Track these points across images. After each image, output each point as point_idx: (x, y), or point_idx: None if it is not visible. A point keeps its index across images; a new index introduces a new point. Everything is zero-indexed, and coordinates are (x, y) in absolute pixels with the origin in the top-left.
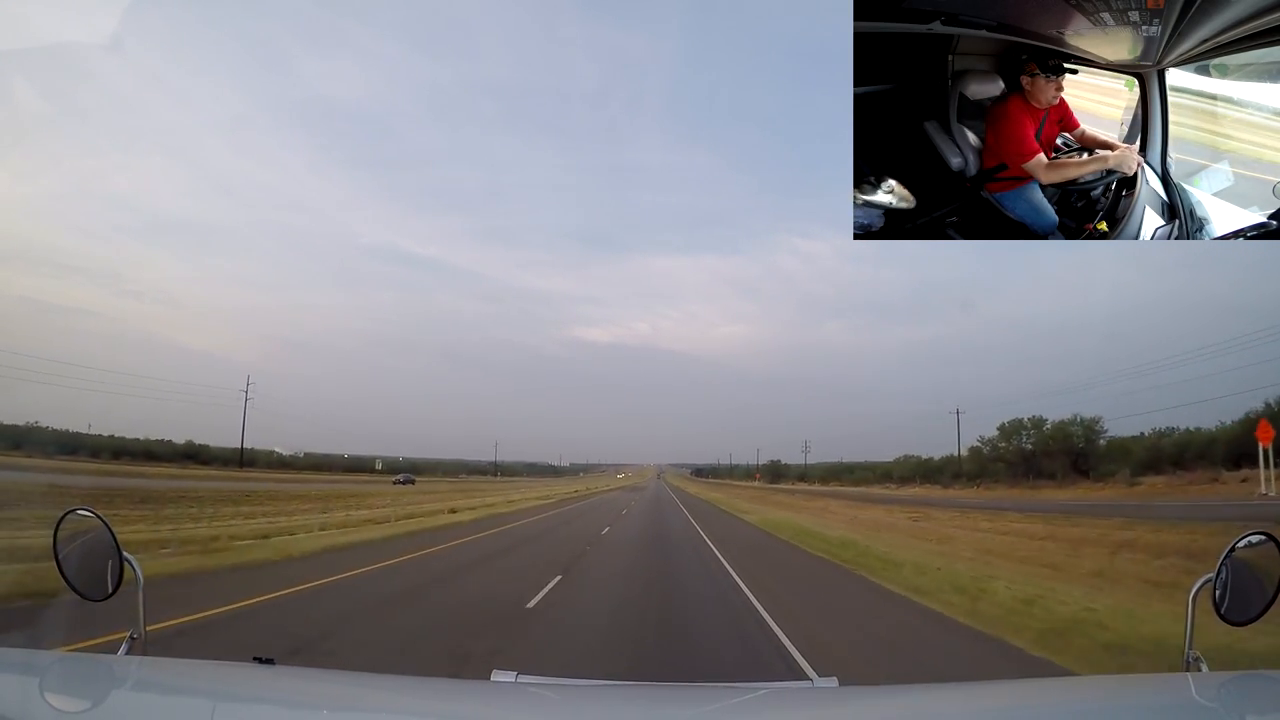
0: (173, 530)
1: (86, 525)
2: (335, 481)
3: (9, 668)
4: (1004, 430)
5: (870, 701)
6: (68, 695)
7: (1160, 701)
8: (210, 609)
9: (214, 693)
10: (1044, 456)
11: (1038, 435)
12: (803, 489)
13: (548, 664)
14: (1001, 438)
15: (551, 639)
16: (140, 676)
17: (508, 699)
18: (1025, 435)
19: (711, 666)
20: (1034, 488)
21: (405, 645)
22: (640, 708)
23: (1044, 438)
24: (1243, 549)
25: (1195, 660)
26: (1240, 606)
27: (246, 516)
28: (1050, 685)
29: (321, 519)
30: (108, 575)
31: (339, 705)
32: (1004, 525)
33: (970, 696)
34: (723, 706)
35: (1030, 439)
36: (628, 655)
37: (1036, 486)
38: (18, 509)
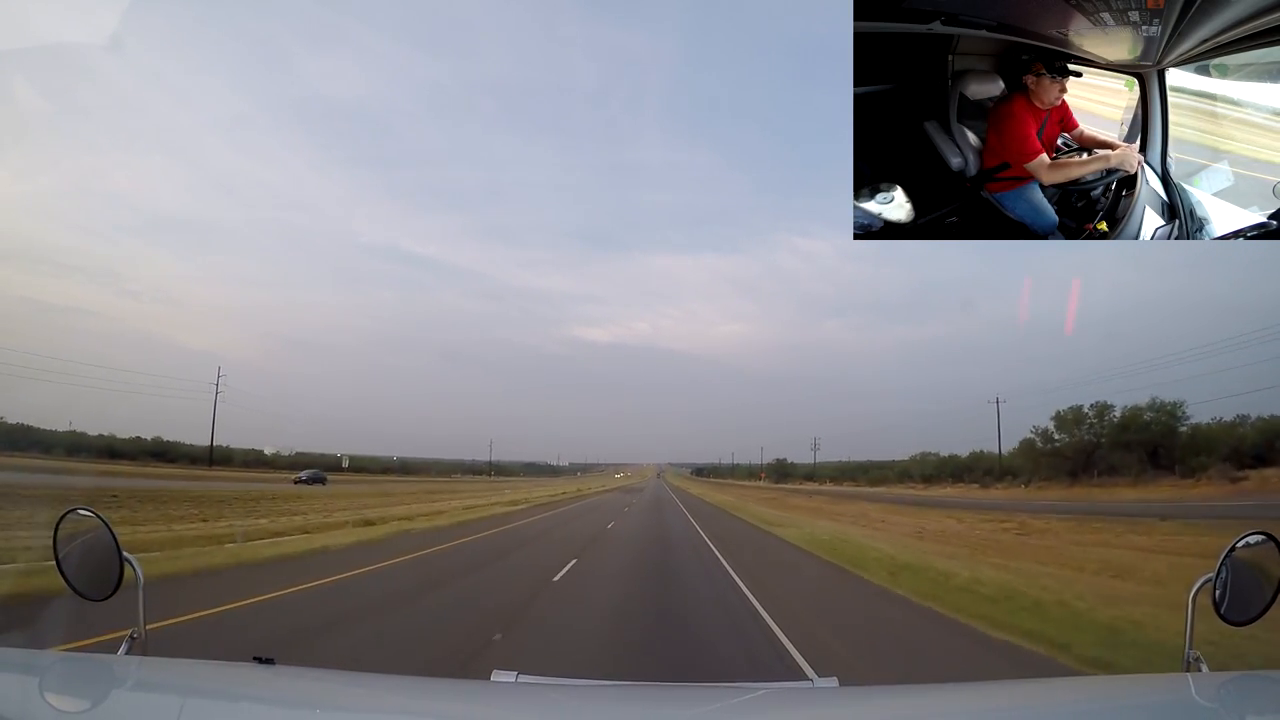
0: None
1: (86, 525)
2: (265, 480)
3: (9, 668)
4: (1061, 420)
5: (870, 702)
6: (68, 695)
7: (1160, 701)
8: None
9: (214, 693)
10: (1113, 449)
11: (1103, 425)
12: (815, 489)
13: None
14: (1059, 428)
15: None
16: (140, 676)
17: (508, 699)
18: (1088, 425)
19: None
20: (1101, 486)
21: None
22: (640, 708)
23: (1112, 428)
24: (1242, 549)
25: (1195, 660)
26: (1240, 606)
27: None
28: (1050, 685)
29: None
30: (107, 575)
31: (339, 705)
32: (1173, 541)
33: (970, 696)
34: (723, 706)
35: (1092, 429)
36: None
37: (1104, 484)
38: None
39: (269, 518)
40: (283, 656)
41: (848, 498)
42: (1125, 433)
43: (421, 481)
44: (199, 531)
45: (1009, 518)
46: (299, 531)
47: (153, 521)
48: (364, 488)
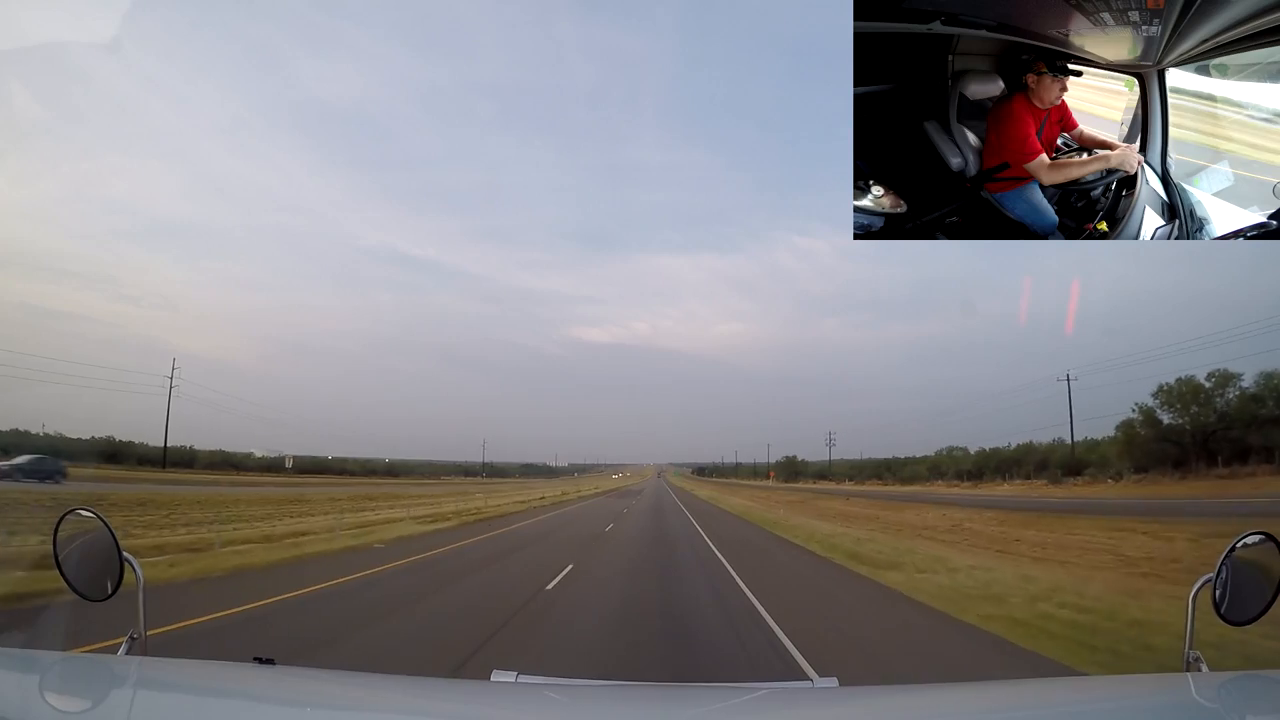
0: None
1: (86, 525)
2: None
3: (9, 668)
4: (1167, 394)
5: (870, 701)
6: (68, 695)
7: (1160, 701)
8: None
9: (214, 692)
10: (1251, 429)
11: (1225, 400)
12: (840, 489)
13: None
14: (1165, 404)
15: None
16: (140, 676)
17: (508, 699)
18: (1207, 402)
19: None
20: (1230, 477)
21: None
22: (640, 708)
23: (1240, 401)
24: (1243, 549)
25: (1195, 660)
26: (1240, 606)
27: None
28: (1050, 685)
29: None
30: (108, 575)
31: (339, 705)
32: None
33: (970, 696)
34: (723, 707)
35: (1214, 408)
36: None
37: (1234, 475)
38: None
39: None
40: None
41: (891, 500)
42: (1259, 407)
43: (377, 485)
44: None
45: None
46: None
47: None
48: (269, 491)
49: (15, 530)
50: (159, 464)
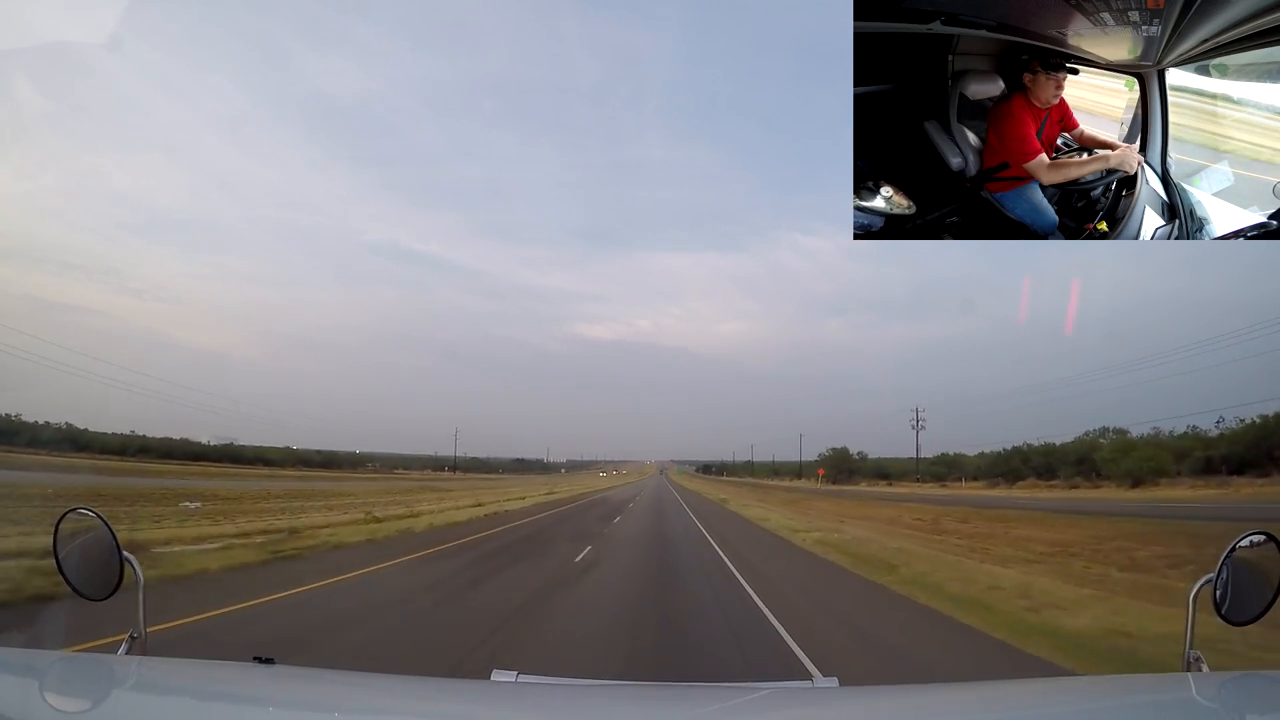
0: None
1: (86, 525)
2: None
3: (9, 668)
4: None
5: (870, 701)
6: (68, 695)
7: (1160, 701)
8: None
9: (214, 693)
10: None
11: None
12: (957, 495)
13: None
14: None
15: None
16: (140, 676)
17: (508, 699)
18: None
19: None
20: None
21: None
22: (640, 708)
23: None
24: (1243, 549)
25: (1195, 660)
26: (1240, 606)
27: None
28: (1050, 685)
29: None
30: (107, 575)
31: (339, 705)
32: None
33: (970, 696)
34: (723, 707)
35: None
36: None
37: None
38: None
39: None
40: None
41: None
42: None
43: (306, 479)
44: None
45: None
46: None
47: None
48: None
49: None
50: (115, 452)
